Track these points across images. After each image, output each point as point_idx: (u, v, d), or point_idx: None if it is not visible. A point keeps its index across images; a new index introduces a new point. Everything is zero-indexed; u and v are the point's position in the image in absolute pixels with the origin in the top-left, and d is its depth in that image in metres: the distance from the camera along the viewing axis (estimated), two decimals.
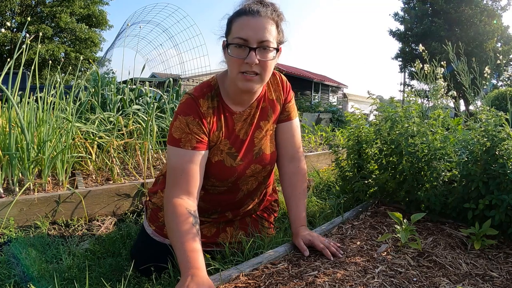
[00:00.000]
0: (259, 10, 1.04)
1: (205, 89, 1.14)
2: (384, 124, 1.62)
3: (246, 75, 1.04)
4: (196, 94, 1.12)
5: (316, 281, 0.92)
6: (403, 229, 1.14)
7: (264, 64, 1.05)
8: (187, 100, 1.12)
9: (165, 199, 1.05)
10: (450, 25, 16.88)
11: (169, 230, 1.00)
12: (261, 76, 1.07)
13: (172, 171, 1.06)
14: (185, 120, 1.08)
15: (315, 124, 6.07)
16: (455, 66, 2.29)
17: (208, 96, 1.13)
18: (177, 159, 1.06)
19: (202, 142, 1.09)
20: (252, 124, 1.19)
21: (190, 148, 1.06)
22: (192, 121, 1.08)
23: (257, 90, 1.14)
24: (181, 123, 1.08)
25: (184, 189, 1.03)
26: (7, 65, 1.91)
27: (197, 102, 1.10)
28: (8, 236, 1.50)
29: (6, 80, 1.94)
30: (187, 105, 1.11)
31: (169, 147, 1.10)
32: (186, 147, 1.06)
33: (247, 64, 1.02)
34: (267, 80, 1.12)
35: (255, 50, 1.02)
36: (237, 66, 1.04)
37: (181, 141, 1.06)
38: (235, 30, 1.04)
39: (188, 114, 1.09)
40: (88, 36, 18.13)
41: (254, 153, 1.20)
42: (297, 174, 1.27)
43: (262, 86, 1.15)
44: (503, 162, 1.23)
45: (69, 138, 2.05)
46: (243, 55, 1.02)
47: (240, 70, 1.04)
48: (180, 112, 1.10)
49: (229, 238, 1.31)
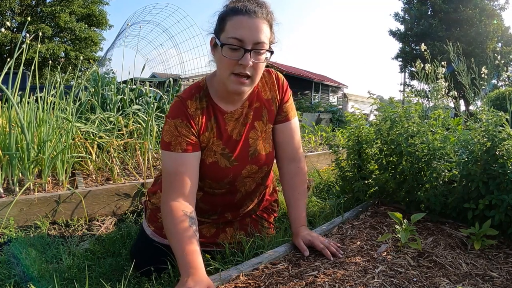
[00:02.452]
0: (256, 10, 1.01)
1: (193, 90, 1.14)
2: (384, 124, 1.62)
3: (239, 77, 1.03)
4: (183, 96, 1.12)
5: (316, 281, 0.92)
6: (403, 229, 1.14)
7: (257, 66, 1.04)
8: (175, 102, 1.12)
9: (162, 202, 1.06)
10: (450, 25, 16.88)
11: (167, 233, 1.00)
12: (252, 79, 1.05)
13: (167, 174, 1.07)
14: (173, 123, 1.08)
15: (315, 124, 6.08)
16: (455, 66, 2.29)
17: (197, 97, 1.12)
18: (170, 163, 1.06)
19: (192, 143, 1.08)
20: (246, 124, 1.18)
21: (181, 151, 1.06)
22: (181, 123, 1.07)
23: (247, 92, 1.14)
24: (170, 126, 1.08)
25: (180, 192, 1.03)
26: (7, 65, 1.91)
27: (184, 103, 1.10)
28: (8, 236, 1.50)
29: (6, 80, 1.94)
30: (175, 108, 1.10)
31: (161, 151, 1.10)
32: (177, 150, 1.06)
33: (241, 65, 1.01)
34: (257, 82, 1.11)
35: (250, 52, 1.00)
36: (229, 67, 1.02)
37: (171, 144, 1.06)
38: (230, 30, 1.01)
39: (176, 116, 1.08)
40: (88, 35, 18.14)
41: (249, 153, 1.19)
42: (297, 174, 1.26)
43: (252, 88, 1.13)
44: (503, 162, 1.23)
45: (69, 138, 2.05)
46: (237, 56, 1.00)
47: (232, 71, 1.02)
48: (169, 115, 1.10)
49: (229, 238, 1.31)
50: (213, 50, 1.09)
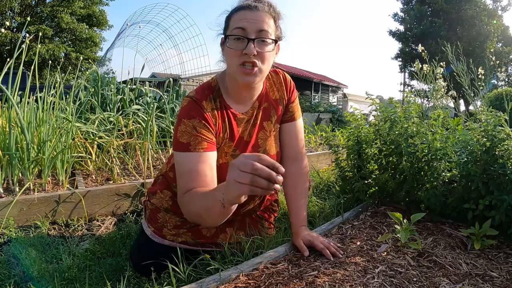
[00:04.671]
0: (257, 5, 1.05)
1: (206, 91, 1.13)
2: (383, 125, 1.62)
3: (246, 68, 1.03)
4: (198, 97, 1.10)
5: (316, 281, 0.92)
6: (403, 229, 1.14)
7: (263, 56, 1.04)
8: (189, 103, 1.10)
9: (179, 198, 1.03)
10: (450, 25, 16.89)
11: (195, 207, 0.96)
12: (260, 69, 1.05)
13: (185, 174, 1.03)
14: (191, 123, 1.06)
15: (315, 124, 6.08)
16: (454, 68, 2.29)
17: (210, 98, 1.12)
18: (189, 164, 1.03)
19: (211, 143, 1.07)
20: (255, 125, 1.18)
21: (202, 150, 1.04)
22: (199, 123, 1.06)
23: (257, 85, 1.14)
24: (187, 127, 1.06)
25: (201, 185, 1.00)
26: (7, 65, 1.91)
27: (200, 104, 1.09)
28: (8, 236, 1.50)
29: (6, 80, 1.94)
30: (191, 108, 1.08)
31: (177, 153, 1.06)
32: (198, 150, 1.04)
33: (246, 55, 1.02)
34: (266, 74, 1.11)
35: (254, 41, 1.01)
36: (236, 59, 1.03)
37: (190, 144, 1.04)
38: (233, 23, 1.04)
39: (193, 116, 1.07)
40: (89, 36, 18.13)
41: None
42: (299, 174, 1.26)
43: (262, 80, 1.13)
44: (503, 162, 1.23)
45: (69, 138, 2.05)
46: (241, 46, 1.02)
47: (239, 63, 1.03)
48: (184, 116, 1.07)
49: (229, 238, 1.31)
50: (222, 48, 1.10)
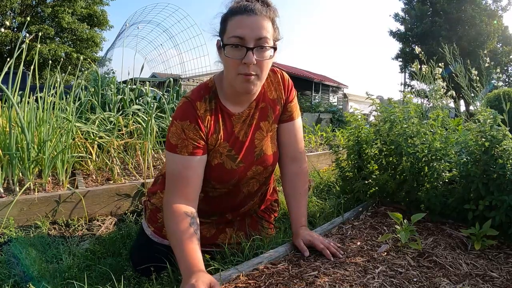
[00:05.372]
0: (254, 8, 1.01)
1: (202, 91, 1.13)
2: (383, 125, 1.62)
3: (245, 76, 1.02)
4: (193, 97, 1.10)
5: (316, 281, 0.92)
6: (403, 229, 1.14)
7: (262, 64, 1.02)
8: (183, 104, 1.10)
9: (164, 203, 1.06)
10: (451, 25, 16.89)
11: (169, 233, 1.01)
12: (259, 77, 1.04)
13: (170, 176, 1.06)
14: (181, 126, 1.06)
15: (315, 124, 6.08)
16: (452, 69, 2.30)
17: (206, 98, 1.11)
18: (175, 165, 1.06)
19: (199, 147, 1.07)
20: (251, 125, 1.17)
21: (187, 154, 1.05)
22: (189, 126, 1.06)
23: (256, 91, 1.13)
24: (177, 129, 1.07)
25: (183, 195, 1.03)
26: (7, 65, 1.91)
27: (194, 105, 1.09)
28: (8, 236, 1.50)
29: (6, 79, 1.94)
30: (184, 110, 1.09)
31: (166, 152, 1.09)
32: (183, 153, 1.05)
33: (245, 64, 1.00)
34: (264, 80, 1.10)
35: (253, 50, 0.99)
36: (234, 68, 1.02)
37: (177, 147, 1.05)
38: (231, 29, 1.01)
39: (184, 118, 1.07)
40: (89, 36, 18.13)
41: (255, 154, 1.18)
42: (299, 175, 1.26)
43: (260, 86, 1.13)
44: (503, 162, 1.23)
45: (69, 138, 2.05)
46: (240, 55, 1.00)
47: (238, 72, 1.02)
48: (177, 117, 1.08)
49: (229, 238, 1.31)
50: (219, 52, 1.08)
